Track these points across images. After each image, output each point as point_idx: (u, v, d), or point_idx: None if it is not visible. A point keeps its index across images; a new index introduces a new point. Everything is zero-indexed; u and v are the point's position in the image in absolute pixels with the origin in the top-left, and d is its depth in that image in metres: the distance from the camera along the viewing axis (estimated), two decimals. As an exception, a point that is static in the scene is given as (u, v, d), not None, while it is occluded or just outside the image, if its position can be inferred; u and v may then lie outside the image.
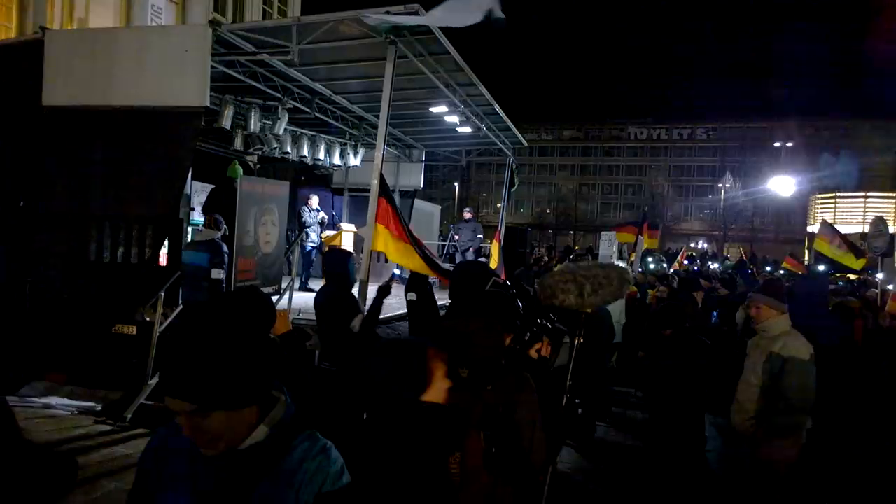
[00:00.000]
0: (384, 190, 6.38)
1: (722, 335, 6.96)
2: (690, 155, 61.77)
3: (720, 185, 47.45)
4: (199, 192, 10.80)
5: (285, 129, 10.00)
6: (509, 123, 11.22)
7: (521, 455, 2.33)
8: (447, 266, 7.14)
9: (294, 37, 6.89)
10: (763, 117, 56.00)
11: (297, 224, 10.79)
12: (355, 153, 12.94)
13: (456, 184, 50.41)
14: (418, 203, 14.57)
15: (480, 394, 2.33)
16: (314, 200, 10.84)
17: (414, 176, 14.26)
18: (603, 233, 15.55)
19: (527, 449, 2.36)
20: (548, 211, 63.60)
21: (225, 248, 6.48)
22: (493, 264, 10.52)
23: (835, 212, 36.42)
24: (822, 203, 38.41)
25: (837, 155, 46.81)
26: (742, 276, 13.13)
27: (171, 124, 6.94)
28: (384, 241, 6.12)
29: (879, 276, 10.60)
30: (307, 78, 8.83)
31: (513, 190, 13.03)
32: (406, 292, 6.87)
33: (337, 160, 12.56)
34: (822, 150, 49.70)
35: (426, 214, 15.57)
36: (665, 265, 17.07)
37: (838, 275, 15.72)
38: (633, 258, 11.11)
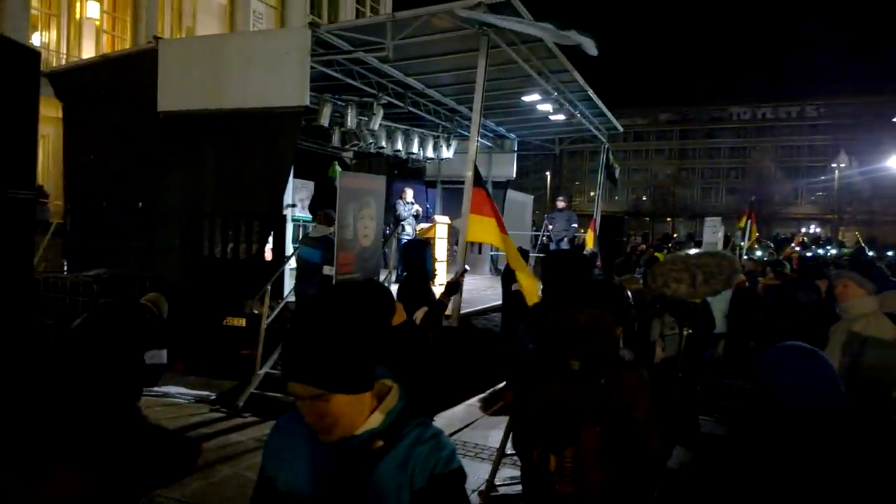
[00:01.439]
0: (479, 181, 6.33)
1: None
2: (800, 134, 57.69)
3: (834, 164, 43.85)
4: (299, 189, 11.21)
5: (380, 124, 10.18)
6: (604, 109, 10.88)
7: (641, 453, 2.24)
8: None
9: (389, 33, 6.97)
10: (881, 90, 51.03)
11: (392, 218, 10.98)
12: (448, 146, 13.00)
13: (548, 173, 49.58)
14: (510, 193, 14.44)
15: (594, 387, 2.25)
16: (409, 194, 10.97)
17: (506, 166, 14.14)
18: (707, 219, 14.70)
19: (645, 447, 2.26)
20: (644, 198, 61.27)
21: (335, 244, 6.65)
22: (590, 255, 10.24)
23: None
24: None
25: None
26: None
27: (275, 125, 7.23)
28: (485, 230, 6.06)
29: None
30: (400, 73, 8.93)
31: (615, 176, 12.61)
32: (505, 283, 6.83)
33: (430, 153, 12.67)
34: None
35: (518, 205, 15.43)
36: (773, 252, 15.99)
37: None
38: (736, 243, 10.40)
